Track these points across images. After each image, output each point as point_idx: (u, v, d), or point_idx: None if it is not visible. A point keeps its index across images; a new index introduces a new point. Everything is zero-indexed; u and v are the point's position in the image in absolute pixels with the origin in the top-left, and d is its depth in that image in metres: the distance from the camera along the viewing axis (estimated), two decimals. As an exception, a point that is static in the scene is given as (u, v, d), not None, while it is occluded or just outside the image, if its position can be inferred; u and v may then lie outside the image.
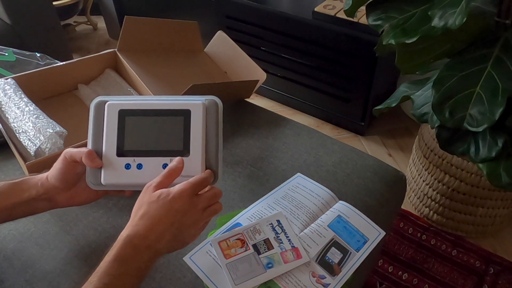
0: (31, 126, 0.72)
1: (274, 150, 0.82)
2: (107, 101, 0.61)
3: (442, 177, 1.13)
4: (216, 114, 0.59)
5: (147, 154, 0.56)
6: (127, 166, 0.56)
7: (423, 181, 1.22)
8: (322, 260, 0.62)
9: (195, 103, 0.57)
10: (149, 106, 0.58)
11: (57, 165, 0.57)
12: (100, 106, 0.60)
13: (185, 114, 0.57)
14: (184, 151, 0.56)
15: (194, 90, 0.75)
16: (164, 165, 0.55)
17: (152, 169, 0.55)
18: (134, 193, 0.66)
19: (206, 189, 0.54)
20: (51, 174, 0.57)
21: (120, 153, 0.56)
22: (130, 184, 0.57)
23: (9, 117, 0.75)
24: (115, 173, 0.56)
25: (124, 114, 0.57)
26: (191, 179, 0.53)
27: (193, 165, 0.55)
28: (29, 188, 0.57)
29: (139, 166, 0.56)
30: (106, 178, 0.56)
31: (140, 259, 0.49)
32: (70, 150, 0.56)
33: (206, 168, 0.57)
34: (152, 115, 0.57)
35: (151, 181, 0.52)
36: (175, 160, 0.54)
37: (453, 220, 1.20)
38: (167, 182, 0.53)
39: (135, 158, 0.56)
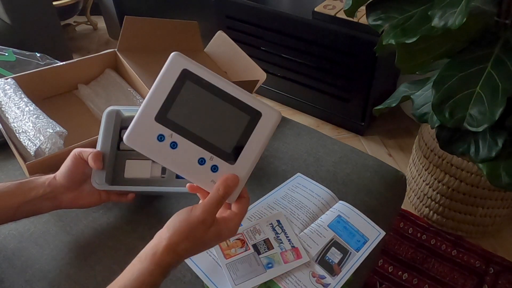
0: (31, 126, 0.72)
1: (274, 150, 0.82)
2: (118, 110, 0.64)
3: (442, 177, 1.13)
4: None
5: (189, 136, 0.46)
6: (160, 138, 0.46)
7: (423, 181, 1.22)
8: (322, 260, 0.62)
9: (271, 110, 0.47)
10: (220, 84, 0.47)
11: (66, 163, 0.59)
12: (111, 115, 0.64)
13: (254, 115, 0.47)
14: (231, 156, 0.47)
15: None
16: (200, 160, 0.47)
17: (185, 156, 0.46)
18: (135, 200, 0.67)
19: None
20: (60, 172, 0.59)
21: (160, 119, 0.46)
22: (153, 157, 0.47)
23: (9, 117, 0.75)
24: (142, 137, 0.46)
25: (186, 77, 0.46)
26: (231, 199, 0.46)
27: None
28: (36, 187, 0.58)
29: (173, 145, 0.46)
30: (130, 136, 0.46)
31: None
32: (80, 149, 0.59)
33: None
34: (217, 95, 0.46)
35: (196, 211, 0.46)
36: (229, 180, 0.46)
37: (453, 220, 1.20)
38: (213, 211, 0.46)
39: (173, 133, 0.46)
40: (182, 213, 0.46)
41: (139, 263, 0.45)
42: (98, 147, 0.63)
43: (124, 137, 0.46)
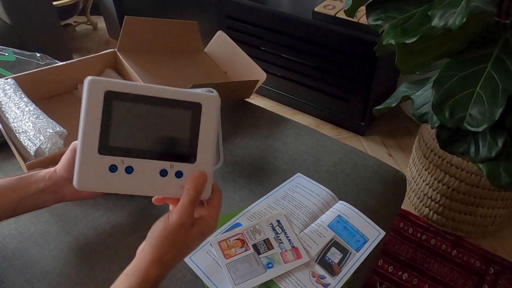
0: (31, 126, 0.72)
1: (274, 150, 0.82)
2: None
3: (442, 177, 1.13)
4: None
5: (141, 154, 0.44)
6: (112, 168, 0.43)
7: (423, 181, 1.22)
8: (322, 260, 0.62)
9: (208, 96, 0.45)
10: (147, 91, 0.44)
11: (65, 156, 0.58)
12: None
13: (195, 108, 0.45)
14: (189, 156, 0.45)
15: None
16: (162, 172, 0.44)
17: (145, 176, 0.44)
18: (135, 200, 0.66)
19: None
20: (60, 165, 0.59)
21: (104, 150, 0.43)
22: (114, 191, 0.44)
23: (9, 117, 0.75)
24: (95, 175, 0.43)
25: (111, 98, 0.43)
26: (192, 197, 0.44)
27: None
28: (37, 181, 0.58)
29: (129, 170, 0.43)
30: (80, 179, 0.43)
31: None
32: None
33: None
34: (150, 103, 0.44)
35: (173, 217, 0.44)
36: (197, 178, 0.44)
37: (453, 220, 1.20)
38: (190, 212, 0.44)
39: (123, 158, 0.43)
40: (159, 223, 0.45)
41: (127, 280, 0.44)
42: None
43: (74, 183, 0.43)
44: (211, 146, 0.45)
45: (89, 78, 0.43)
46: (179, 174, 0.45)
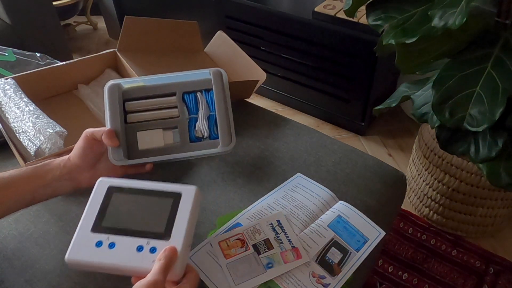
0: (31, 126, 0.72)
1: (274, 150, 0.82)
2: (119, 83, 0.66)
3: (442, 177, 1.13)
4: (221, 81, 0.65)
5: (123, 232, 0.51)
6: (99, 244, 0.51)
7: (423, 181, 1.22)
8: (322, 260, 0.62)
9: (188, 187, 0.54)
10: (141, 185, 0.55)
11: (78, 144, 0.60)
12: (113, 89, 0.66)
13: (175, 196, 0.54)
14: (165, 234, 0.51)
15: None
16: (138, 247, 0.50)
17: (124, 250, 0.50)
18: (154, 168, 0.67)
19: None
20: (73, 153, 0.60)
21: (96, 229, 0.52)
22: (97, 264, 0.50)
23: (9, 117, 0.75)
24: (83, 249, 0.51)
25: (112, 191, 0.55)
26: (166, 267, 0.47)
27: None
28: (52, 170, 0.59)
29: (111, 245, 0.51)
30: (71, 254, 0.50)
31: None
32: (91, 129, 0.60)
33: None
34: (140, 194, 0.55)
35: (145, 279, 0.46)
36: (168, 250, 0.48)
37: (453, 220, 1.20)
38: (162, 277, 0.46)
39: (109, 236, 0.51)
40: None
41: None
42: (108, 125, 0.64)
43: (66, 256, 0.50)
44: (185, 227, 0.51)
45: (100, 178, 0.56)
46: (153, 250, 0.50)
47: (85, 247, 0.51)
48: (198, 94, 0.70)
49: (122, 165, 0.64)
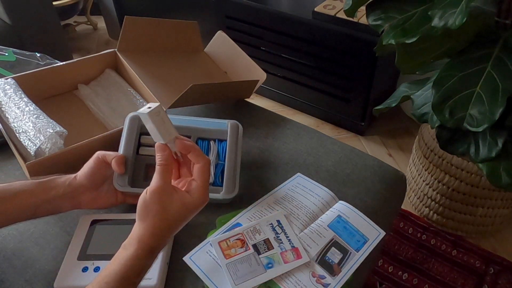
0: (31, 126, 0.72)
1: (274, 150, 0.82)
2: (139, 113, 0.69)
3: (442, 177, 1.13)
4: (237, 134, 0.70)
5: (106, 257, 0.54)
6: (85, 269, 0.57)
7: (423, 181, 1.22)
8: (322, 260, 0.62)
9: None
10: (121, 216, 0.64)
11: (88, 164, 0.61)
12: (134, 121, 0.70)
13: None
14: None
15: (194, 90, 0.75)
16: None
17: None
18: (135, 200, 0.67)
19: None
20: (81, 172, 0.61)
21: (82, 257, 0.59)
22: (79, 285, 0.55)
23: (9, 117, 0.75)
24: (70, 276, 0.57)
25: (95, 223, 0.63)
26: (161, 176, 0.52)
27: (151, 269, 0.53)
28: (56, 186, 0.59)
29: (97, 269, 0.57)
30: (58, 281, 0.56)
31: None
32: (103, 152, 0.62)
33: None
34: (120, 224, 0.62)
35: (153, 184, 0.51)
36: (158, 154, 0.53)
37: (453, 220, 1.20)
38: (167, 179, 0.52)
39: (94, 261, 0.58)
40: (140, 200, 0.51)
41: (124, 250, 0.49)
42: (121, 151, 0.66)
43: (55, 284, 0.56)
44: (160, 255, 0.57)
45: (82, 216, 0.65)
46: None
47: (72, 273, 0.57)
48: (211, 143, 0.72)
49: (123, 193, 0.65)
